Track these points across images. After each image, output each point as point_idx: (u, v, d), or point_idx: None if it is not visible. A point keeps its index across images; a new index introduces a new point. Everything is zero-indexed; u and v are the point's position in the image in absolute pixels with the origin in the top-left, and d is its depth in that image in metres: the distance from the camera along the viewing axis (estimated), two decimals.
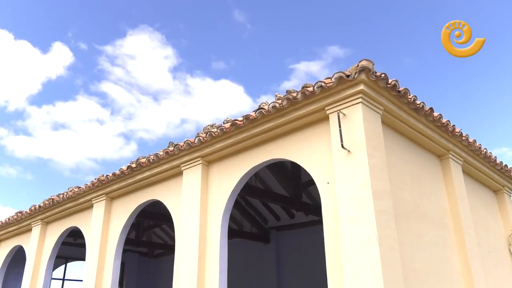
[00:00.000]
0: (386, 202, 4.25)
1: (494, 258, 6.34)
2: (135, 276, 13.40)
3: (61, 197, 8.41)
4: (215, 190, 6.00)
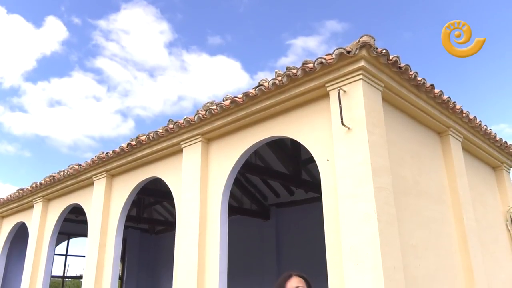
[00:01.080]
0: (385, 179, 4.27)
1: (491, 234, 6.42)
2: (136, 252, 13.61)
3: (61, 175, 8.45)
4: (215, 168, 6.02)
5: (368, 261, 3.88)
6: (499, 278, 6.10)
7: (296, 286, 2.20)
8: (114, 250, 7.26)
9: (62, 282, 13.48)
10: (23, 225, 10.15)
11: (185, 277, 5.68)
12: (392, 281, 3.84)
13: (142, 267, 13.62)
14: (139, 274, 13.48)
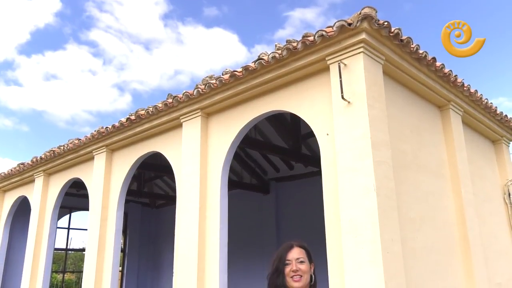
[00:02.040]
0: (385, 153, 4.28)
1: (488, 207, 6.50)
2: (138, 226, 13.79)
3: (61, 149, 8.47)
4: (215, 142, 6.03)
5: (366, 234, 3.93)
6: (494, 249, 6.21)
7: (297, 257, 2.21)
8: (116, 224, 7.35)
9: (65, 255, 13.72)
10: (25, 199, 10.25)
11: (186, 250, 5.77)
12: (390, 253, 3.90)
13: (143, 240, 13.82)
14: (140, 247, 13.70)
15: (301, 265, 2.18)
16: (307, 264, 2.20)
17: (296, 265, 2.17)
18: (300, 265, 2.17)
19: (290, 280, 2.15)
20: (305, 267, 2.18)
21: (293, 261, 2.18)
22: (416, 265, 4.42)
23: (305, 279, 2.17)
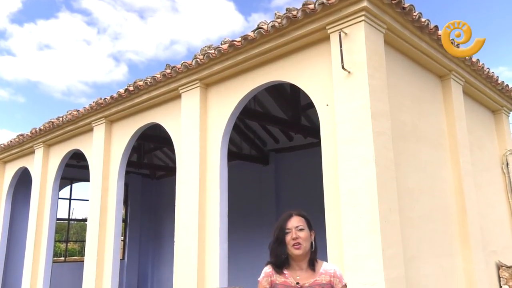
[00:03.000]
0: (384, 123, 4.27)
1: (486, 176, 6.55)
2: (139, 196, 13.93)
3: (60, 120, 8.45)
4: (214, 113, 6.00)
5: (365, 204, 3.98)
6: (490, 218, 6.30)
7: (296, 225, 2.25)
8: (117, 194, 7.42)
9: (68, 225, 13.92)
10: (26, 171, 10.31)
11: (186, 220, 5.85)
12: (388, 222, 3.96)
13: (144, 211, 14.00)
14: (142, 217, 13.88)
15: (301, 232, 2.22)
16: (306, 232, 2.24)
17: (295, 233, 2.21)
18: (300, 232, 2.22)
19: (291, 248, 2.21)
20: (305, 235, 2.23)
21: (292, 229, 2.23)
22: (413, 233, 4.50)
23: (305, 247, 2.22)
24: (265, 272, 2.27)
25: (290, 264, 2.24)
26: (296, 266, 2.23)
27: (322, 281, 2.19)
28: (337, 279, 2.21)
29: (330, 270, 2.24)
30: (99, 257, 7.31)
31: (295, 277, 2.20)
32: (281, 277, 2.22)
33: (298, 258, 2.22)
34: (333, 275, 2.22)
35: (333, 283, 2.20)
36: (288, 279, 2.20)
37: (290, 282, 2.19)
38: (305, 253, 2.23)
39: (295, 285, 2.18)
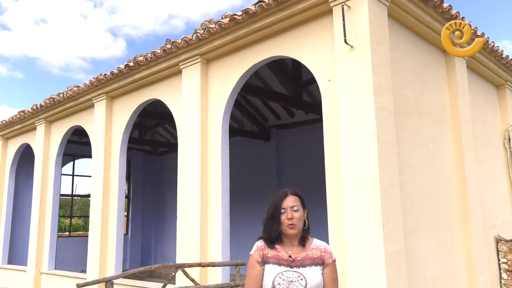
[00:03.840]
0: (387, 98, 4.24)
1: (487, 152, 6.55)
2: (141, 173, 14.03)
3: (61, 96, 8.43)
4: (215, 89, 5.97)
5: (366, 179, 4.00)
6: (491, 193, 6.34)
7: (292, 205, 2.28)
8: (119, 170, 7.46)
9: (71, 201, 14.08)
10: (28, 147, 10.35)
11: (188, 196, 5.90)
12: (389, 197, 3.98)
13: (147, 187, 14.12)
14: (144, 193, 14.02)
15: (296, 213, 2.27)
16: (301, 212, 2.30)
17: (291, 213, 2.26)
18: (295, 213, 2.27)
19: (285, 228, 2.27)
20: (299, 215, 2.28)
21: (288, 209, 2.28)
22: (413, 208, 4.53)
23: (299, 226, 2.29)
24: (257, 246, 2.32)
25: (282, 240, 2.30)
26: (288, 243, 2.30)
27: (314, 255, 2.25)
28: (327, 254, 2.28)
29: (321, 246, 2.30)
30: (103, 232, 7.42)
31: (287, 252, 2.26)
32: (273, 251, 2.28)
33: (291, 236, 2.28)
34: (323, 251, 2.28)
35: (324, 257, 2.26)
36: (280, 253, 2.26)
37: (282, 255, 2.25)
38: (298, 232, 2.29)
39: (288, 258, 2.23)
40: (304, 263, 2.22)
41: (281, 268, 2.21)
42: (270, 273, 2.21)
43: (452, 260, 5.07)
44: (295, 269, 2.20)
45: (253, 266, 2.28)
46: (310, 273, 2.19)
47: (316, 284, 2.17)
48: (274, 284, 2.18)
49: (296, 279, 2.17)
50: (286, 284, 2.16)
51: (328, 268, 2.25)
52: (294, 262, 2.22)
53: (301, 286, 2.15)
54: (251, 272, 2.28)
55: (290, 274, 2.18)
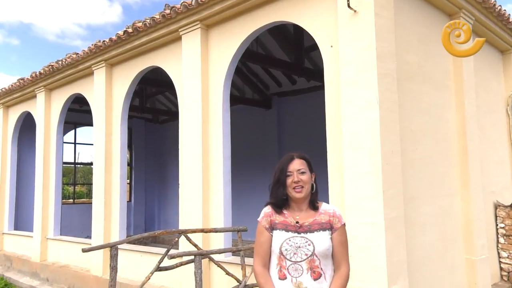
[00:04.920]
0: (390, 64, 4.18)
1: (490, 118, 6.51)
2: (142, 141, 14.07)
3: (60, 64, 8.34)
4: (216, 56, 5.88)
5: (367, 146, 4.00)
6: (491, 159, 6.35)
7: (298, 168, 2.25)
8: (121, 138, 7.47)
9: (74, 168, 14.19)
10: (30, 115, 10.33)
11: (190, 164, 5.93)
12: (389, 164, 4.00)
13: (149, 155, 14.19)
14: (146, 161, 14.11)
15: (302, 176, 2.23)
16: (308, 175, 2.26)
17: (297, 176, 2.23)
18: (302, 176, 2.23)
19: (292, 191, 2.23)
20: (306, 178, 2.24)
21: (294, 172, 2.24)
22: (414, 175, 4.56)
23: (306, 189, 2.24)
24: (265, 212, 2.31)
25: (290, 205, 2.28)
26: (295, 207, 2.27)
27: (322, 221, 2.23)
28: (336, 219, 2.24)
29: (330, 210, 2.27)
30: (106, 199, 7.51)
31: (294, 217, 2.24)
32: (281, 217, 2.26)
33: (298, 201, 2.25)
34: (332, 215, 2.25)
35: (332, 222, 2.23)
36: (288, 219, 2.24)
37: (290, 221, 2.23)
38: (306, 196, 2.25)
39: (295, 224, 2.22)
40: (312, 228, 2.20)
41: (288, 234, 2.19)
42: (277, 239, 2.20)
43: (451, 226, 5.14)
44: (302, 235, 2.18)
45: (261, 232, 2.27)
46: (317, 239, 2.17)
47: (324, 249, 2.16)
48: (282, 250, 2.17)
49: (304, 245, 2.16)
50: (294, 250, 2.16)
51: (337, 233, 2.22)
52: (301, 228, 2.20)
53: (309, 251, 2.15)
54: (260, 238, 2.27)
55: (297, 240, 2.17)
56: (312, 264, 2.15)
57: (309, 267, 2.15)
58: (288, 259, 2.17)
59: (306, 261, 2.15)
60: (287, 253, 2.17)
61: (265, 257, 2.24)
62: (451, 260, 5.03)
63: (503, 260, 6.09)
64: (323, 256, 2.16)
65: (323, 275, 2.16)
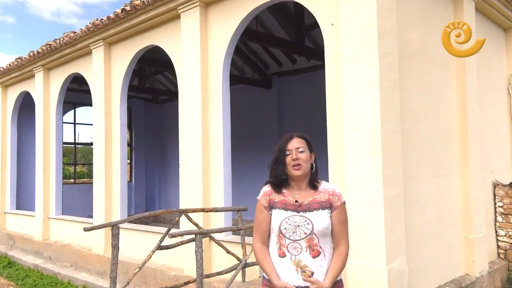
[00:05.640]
0: (391, 43, 4.13)
1: (491, 97, 6.48)
2: (142, 121, 14.04)
3: (58, 43, 8.25)
4: (215, 35, 5.81)
5: (367, 126, 3.99)
6: (491, 139, 6.35)
7: (297, 147, 2.26)
8: (120, 118, 7.45)
9: (74, 148, 14.21)
10: (29, 95, 10.29)
11: (190, 144, 5.93)
12: (389, 144, 4.00)
13: (149, 135, 14.19)
14: (146, 141, 14.11)
15: (301, 154, 2.24)
16: (307, 153, 2.27)
17: (296, 155, 2.24)
18: (300, 154, 2.24)
19: (291, 169, 2.24)
20: (305, 156, 2.25)
21: (293, 150, 2.25)
22: (413, 154, 4.56)
23: (305, 168, 2.25)
24: (264, 191, 2.33)
25: (290, 184, 2.29)
26: (295, 186, 2.28)
27: (321, 199, 2.24)
28: (335, 197, 2.26)
29: (329, 189, 2.28)
30: (107, 179, 7.55)
31: (294, 196, 2.26)
32: (280, 196, 2.28)
33: (297, 179, 2.26)
34: (331, 193, 2.26)
35: (332, 200, 2.25)
36: (287, 198, 2.26)
37: (289, 200, 2.25)
38: (305, 174, 2.27)
39: (294, 203, 2.24)
40: (311, 207, 2.21)
41: (287, 213, 2.21)
42: (276, 218, 2.23)
43: (449, 205, 5.18)
44: (301, 214, 2.20)
45: (261, 211, 2.29)
46: (316, 217, 2.19)
47: (323, 227, 2.18)
48: (281, 228, 2.20)
49: (303, 224, 2.18)
50: (293, 229, 2.18)
51: (337, 211, 2.24)
52: (300, 207, 2.22)
53: (308, 230, 2.17)
54: (259, 217, 2.30)
55: (296, 219, 2.19)
56: (311, 243, 2.17)
57: (308, 245, 2.17)
58: (287, 237, 2.19)
59: (305, 240, 2.17)
60: (286, 231, 2.19)
61: (264, 234, 2.28)
62: (449, 239, 5.09)
63: (500, 238, 6.16)
64: (322, 234, 2.19)
65: (322, 253, 2.18)
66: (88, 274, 7.68)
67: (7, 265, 9.34)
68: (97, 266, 7.54)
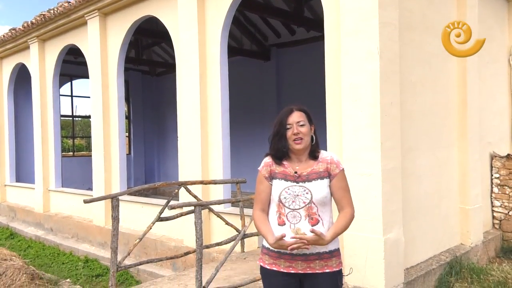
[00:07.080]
0: (392, 13, 4.05)
1: (491, 68, 6.42)
2: (140, 93, 13.94)
3: (52, 13, 8.09)
4: (213, 5, 5.69)
5: (366, 98, 3.96)
6: (490, 110, 6.33)
7: (297, 121, 2.27)
8: (117, 91, 7.40)
9: (72, 121, 14.18)
10: (25, 68, 10.16)
11: (188, 116, 5.91)
12: (388, 116, 3.98)
13: (147, 108, 14.12)
14: (144, 114, 14.06)
15: (302, 128, 2.26)
16: (307, 127, 2.28)
17: (297, 128, 2.25)
18: (301, 128, 2.25)
19: (292, 143, 2.26)
20: (306, 130, 2.26)
21: (293, 124, 2.26)
22: (412, 126, 4.56)
23: (306, 141, 2.27)
24: (265, 162, 2.36)
25: (290, 156, 2.32)
26: (295, 159, 2.31)
27: (319, 169, 2.28)
28: (333, 165, 2.29)
29: (327, 158, 2.31)
30: (106, 152, 7.56)
31: (294, 168, 2.29)
32: (280, 167, 2.31)
33: (298, 152, 2.29)
34: (329, 162, 2.29)
35: (330, 169, 2.28)
36: (287, 169, 2.30)
37: (289, 171, 2.29)
38: (306, 147, 2.29)
39: (293, 174, 2.27)
40: (310, 177, 2.25)
41: (287, 183, 2.26)
42: (277, 188, 2.27)
43: (447, 176, 5.22)
44: (300, 184, 2.24)
45: (261, 181, 2.34)
46: (315, 187, 2.23)
47: (321, 197, 2.22)
48: (281, 198, 2.24)
49: (302, 193, 2.22)
50: (292, 198, 2.23)
51: (336, 179, 2.28)
52: (300, 178, 2.26)
53: (307, 199, 2.21)
54: (259, 187, 2.35)
55: (295, 189, 2.24)
56: (310, 211, 2.21)
57: (307, 214, 2.21)
58: (287, 206, 2.23)
59: (304, 209, 2.21)
60: (285, 201, 2.23)
61: (264, 204, 2.32)
62: (445, 210, 5.15)
63: (496, 209, 6.24)
64: (320, 203, 2.23)
65: (320, 221, 2.23)
66: (90, 245, 7.81)
67: (9, 236, 9.48)
68: (98, 237, 7.66)
